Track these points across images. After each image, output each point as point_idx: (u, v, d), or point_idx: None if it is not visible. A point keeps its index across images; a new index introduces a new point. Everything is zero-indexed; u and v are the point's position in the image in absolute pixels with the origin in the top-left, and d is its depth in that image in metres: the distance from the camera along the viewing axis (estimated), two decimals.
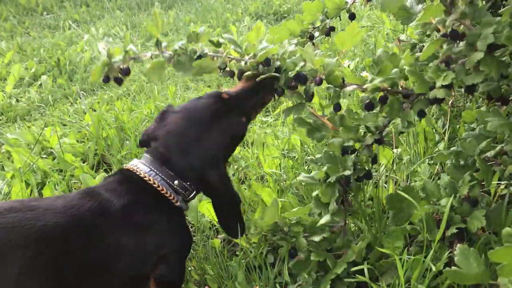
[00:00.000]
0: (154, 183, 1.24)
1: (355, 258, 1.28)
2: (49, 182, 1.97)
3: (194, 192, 1.30)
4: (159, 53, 1.30)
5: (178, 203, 1.27)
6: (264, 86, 1.30)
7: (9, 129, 2.77)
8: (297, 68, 1.23)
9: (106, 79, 1.32)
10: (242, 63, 1.31)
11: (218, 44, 1.33)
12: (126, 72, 1.30)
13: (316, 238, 1.34)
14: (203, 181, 1.29)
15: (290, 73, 1.25)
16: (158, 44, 1.30)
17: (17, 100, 3.22)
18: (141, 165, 1.27)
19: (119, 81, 1.29)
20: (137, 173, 1.26)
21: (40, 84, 3.48)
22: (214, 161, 1.29)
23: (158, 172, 1.25)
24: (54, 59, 3.84)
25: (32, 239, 1.04)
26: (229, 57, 1.31)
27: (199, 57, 1.29)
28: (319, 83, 1.24)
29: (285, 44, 1.36)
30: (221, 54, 1.30)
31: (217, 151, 1.31)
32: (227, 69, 1.32)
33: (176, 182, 1.26)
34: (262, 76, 1.25)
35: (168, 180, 1.26)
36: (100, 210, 1.15)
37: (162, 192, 1.25)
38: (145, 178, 1.24)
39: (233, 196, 1.31)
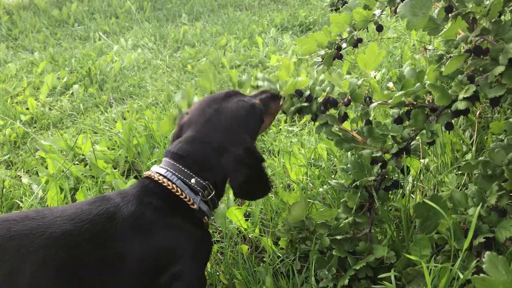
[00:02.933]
0: (169, 185, 1.21)
1: (375, 260, 1.30)
2: (81, 187, 2.04)
3: (214, 191, 1.25)
4: None
5: (195, 206, 1.23)
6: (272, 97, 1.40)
7: (43, 136, 2.87)
8: (325, 94, 1.33)
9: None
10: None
11: (257, 87, 1.45)
12: None
13: (339, 237, 1.37)
14: (226, 160, 1.24)
15: (319, 99, 1.36)
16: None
17: (50, 109, 3.33)
18: (157, 168, 1.25)
19: None
20: (152, 176, 1.23)
21: (72, 93, 3.59)
22: (236, 138, 1.26)
23: (174, 171, 1.23)
24: (85, 69, 3.96)
25: (41, 245, 1.04)
26: None
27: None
28: (347, 103, 1.32)
29: (313, 73, 1.48)
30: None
31: (237, 131, 1.27)
32: None
33: (193, 180, 1.23)
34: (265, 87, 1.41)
35: (185, 179, 1.22)
36: (108, 216, 1.13)
37: (176, 193, 1.21)
38: (159, 181, 1.22)
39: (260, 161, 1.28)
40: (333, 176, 1.94)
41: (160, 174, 1.23)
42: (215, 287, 1.50)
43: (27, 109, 3.29)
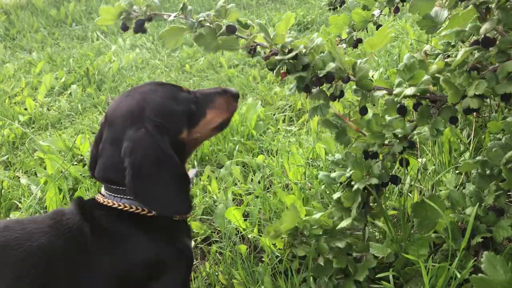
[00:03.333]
0: (114, 204, 1.13)
1: (376, 264, 1.30)
2: (80, 188, 2.04)
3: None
4: (184, 17, 1.24)
5: (152, 212, 1.13)
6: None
7: (41, 136, 2.87)
8: (327, 69, 1.18)
9: (124, 28, 1.24)
10: (267, 51, 1.26)
11: (245, 26, 1.26)
12: (139, 27, 1.24)
13: (339, 244, 1.34)
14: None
15: (318, 72, 1.21)
16: (183, 8, 1.24)
17: (48, 109, 3.33)
18: (99, 193, 1.18)
19: (140, 30, 1.22)
20: (98, 200, 1.15)
21: (70, 93, 3.59)
22: (134, 124, 1.10)
23: (112, 194, 1.14)
24: (83, 69, 3.96)
25: (18, 259, 1.01)
26: (255, 43, 1.24)
27: (222, 34, 1.23)
28: (347, 81, 1.20)
29: (313, 38, 1.29)
30: (247, 37, 1.24)
31: (137, 117, 1.12)
32: (252, 52, 1.26)
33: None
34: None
35: (124, 196, 1.13)
36: (79, 229, 1.08)
37: (125, 209, 1.12)
38: (103, 203, 1.14)
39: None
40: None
41: (104, 197, 1.16)
42: (214, 287, 1.50)
43: (25, 109, 3.29)
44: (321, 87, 1.23)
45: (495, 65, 1.08)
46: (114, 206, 1.12)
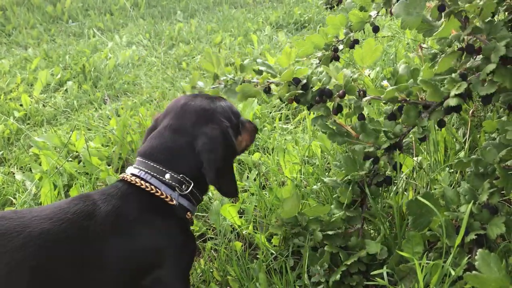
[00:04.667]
0: (142, 184, 1.18)
1: (367, 255, 1.33)
2: (75, 184, 2.03)
3: (192, 184, 1.22)
4: (217, 85, 1.52)
5: (174, 202, 1.20)
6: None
7: (36, 132, 2.86)
8: (319, 85, 1.35)
9: None
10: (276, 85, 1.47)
11: (259, 72, 1.48)
12: None
13: (331, 232, 1.39)
14: (196, 150, 1.21)
15: (314, 89, 1.38)
16: (215, 77, 1.53)
17: (44, 105, 3.32)
18: (131, 170, 1.23)
19: None
20: (125, 178, 1.21)
21: (66, 90, 3.58)
22: (209, 122, 1.25)
23: (147, 170, 1.20)
24: (79, 66, 3.94)
25: (18, 245, 1.02)
26: (268, 81, 1.46)
27: (243, 82, 1.49)
28: (342, 96, 1.33)
29: (312, 62, 1.53)
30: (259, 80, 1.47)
31: (209, 117, 1.27)
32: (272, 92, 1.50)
33: (167, 176, 1.20)
34: None
35: (159, 176, 1.20)
36: (86, 214, 1.11)
37: (151, 192, 1.18)
38: (131, 182, 1.19)
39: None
40: (327, 173, 1.94)
41: (134, 175, 1.21)
42: (209, 283, 1.50)
43: (21, 105, 3.28)
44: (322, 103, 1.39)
45: (480, 72, 1.13)
46: (142, 187, 1.18)
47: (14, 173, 2.31)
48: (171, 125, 1.25)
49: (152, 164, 1.21)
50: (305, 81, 1.38)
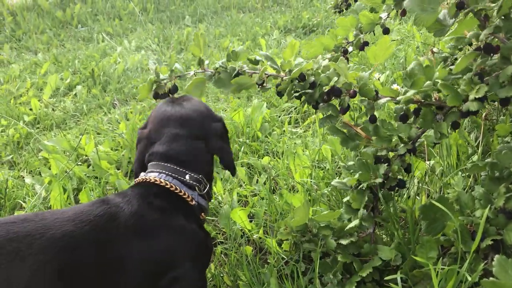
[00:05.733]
0: (167, 184, 1.22)
1: (381, 261, 1.29)
2: (85, 188, 2.03)
3: (208, 185, 1.29)
4: (202, 71, 1.42)
5: (194, 202, 1.24)
6: None
7: (46, 136, 2.87)
8: (331, 83, 1.27)
9: (156, 96, 1.43)
10: (278, 79, 1.36)
11: (255, 62, 1.40)
12: (174, 89, 1.43)
13: (344, 242, 1.36)
14: (211, 147, 1.31)
15: (324, 87, 1.29)
16: (200, 62, 1.42)
17: (53, 109, 3.33)
18: (150, 174, 1.26)
19: (175, 91, 1.42)
20: (147, 179, 1.24)
21: (75, 94, 3.59)
22: (211, 121, 1.34)
23: (167, 172, 1.24)
24: (88, 70, 3.95)
25: (41, 247, 1.02)
26: (266, 74, 1.37)
27: (237, 74, 1.39)
28: (353, 95, 1.28)
29: (319, 59, 1.40)
30: (258, 71, 1.37)
31: (207, 117, 1.35)
32: (265, 85, 1.39)
33: (187, 176, 1.25)
34: None
35: (179, 177, 1.24)
36: (109, 217, 1.12)
37: (175, 191, 1.22)
38: (156, 182, 1.22)
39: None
40: (337, 177, 1.92)
41: (156, 176, 1.24)
42: None
43: (31, 109, 3.29)
44: (330, 102, 1.33)
45: (499, 72, 1.09)
46: (166, 186, 1.22)
47: (23, 177, 2.31)
48: (176, 129, 1.30)
49: (171, 166, 1.25)
50: (312, 78, 1.32)
